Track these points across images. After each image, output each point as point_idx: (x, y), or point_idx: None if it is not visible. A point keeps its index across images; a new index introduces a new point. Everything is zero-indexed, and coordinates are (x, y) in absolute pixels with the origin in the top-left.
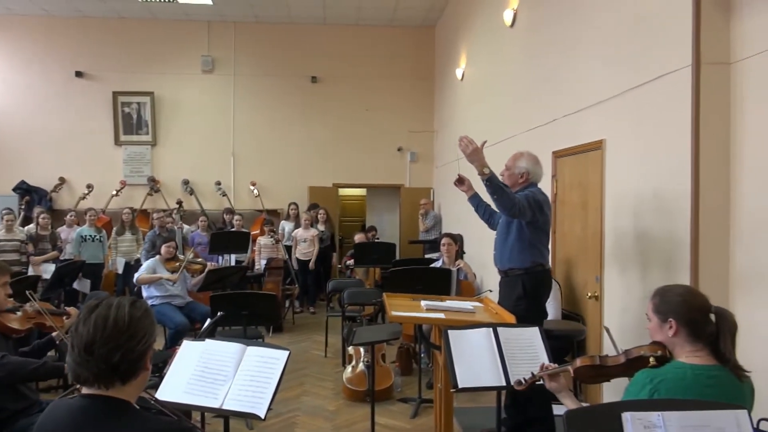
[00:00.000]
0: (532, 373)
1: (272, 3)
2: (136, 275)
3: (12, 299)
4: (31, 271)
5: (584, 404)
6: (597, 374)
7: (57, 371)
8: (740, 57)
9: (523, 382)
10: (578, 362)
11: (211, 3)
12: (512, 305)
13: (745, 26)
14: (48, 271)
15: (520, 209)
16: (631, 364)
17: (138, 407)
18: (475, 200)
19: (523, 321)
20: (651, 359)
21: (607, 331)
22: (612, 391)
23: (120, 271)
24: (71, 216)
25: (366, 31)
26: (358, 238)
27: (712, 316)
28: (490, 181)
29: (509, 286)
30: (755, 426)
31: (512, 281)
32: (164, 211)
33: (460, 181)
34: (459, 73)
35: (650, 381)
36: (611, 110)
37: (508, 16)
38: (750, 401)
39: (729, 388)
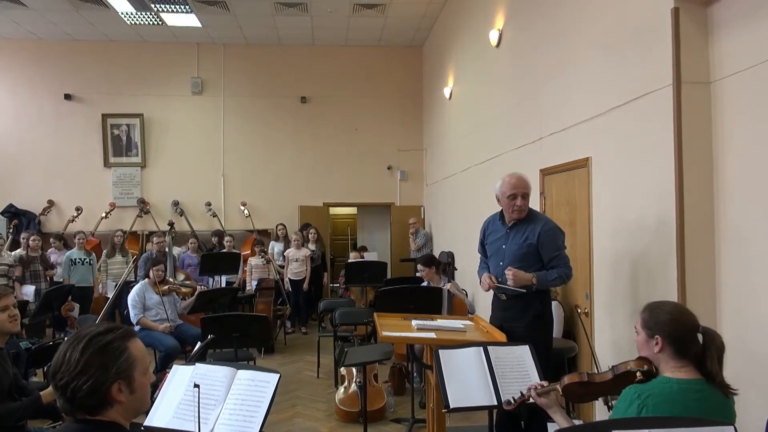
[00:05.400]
0: (521, 393)
1: (261, 25)
2: (132, 316)
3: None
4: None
5: (576, 421)
6: (585, 391)
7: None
8: (719, 76)
9: (513, 402)
10: (566, 380)
11: (200, 25)
12: (528, 324)
13: (723, 46)
14: (28, 293)
15: (568, 265)
16: (618, 380)
17: (128, 429)
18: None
19: (543, 340)
20: (638, 374)
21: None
22: (604, 408)
23: (110, 295)
24: (53, 241)
25: (354, 52)
26: (353, 256)
27: (700, 336)
28: (541, 284)
29: (520, 306)
30: None
31: (526, 301)
32: (163, 233)
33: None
34: (447, 92)
35: (638, 396)
36: (596, 129)
37: (493, 37)
38: (733, 416)
39: (715, 401)
